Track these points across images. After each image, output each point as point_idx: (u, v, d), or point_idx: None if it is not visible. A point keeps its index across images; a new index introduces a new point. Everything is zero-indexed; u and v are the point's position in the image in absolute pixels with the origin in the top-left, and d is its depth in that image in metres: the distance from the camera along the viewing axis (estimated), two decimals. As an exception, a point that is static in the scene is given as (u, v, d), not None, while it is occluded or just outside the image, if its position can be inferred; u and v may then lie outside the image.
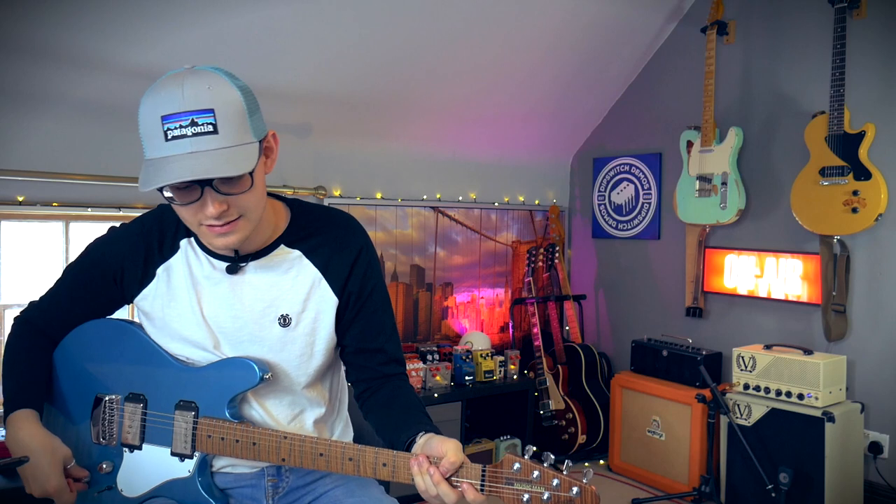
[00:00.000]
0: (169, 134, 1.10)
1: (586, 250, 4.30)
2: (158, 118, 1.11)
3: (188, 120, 1.10)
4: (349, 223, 1.40)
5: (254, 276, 1.32)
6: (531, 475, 1.14)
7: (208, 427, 1.30)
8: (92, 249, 1.39)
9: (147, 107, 1.13)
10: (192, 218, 1.19)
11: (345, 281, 1.35)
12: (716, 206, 3.34)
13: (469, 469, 1.16)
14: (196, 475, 1.32)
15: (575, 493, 1.13)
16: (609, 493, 3.39)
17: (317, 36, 2.90)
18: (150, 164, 1.13)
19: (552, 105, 3.93)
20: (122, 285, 1.36)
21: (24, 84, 2.58)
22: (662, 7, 3.60)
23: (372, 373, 1.40)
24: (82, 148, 2.81)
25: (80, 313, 1.40)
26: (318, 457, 1.24)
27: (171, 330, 1.34)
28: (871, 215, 2.80)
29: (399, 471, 1.20)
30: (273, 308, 1.32)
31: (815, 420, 2.72)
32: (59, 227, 2.89)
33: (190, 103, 1.11)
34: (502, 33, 3.30)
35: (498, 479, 1.15)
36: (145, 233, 1.35)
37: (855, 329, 3.00)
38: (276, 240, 1.33)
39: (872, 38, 2.92)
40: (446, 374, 3.46)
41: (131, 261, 1.34)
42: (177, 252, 1.34)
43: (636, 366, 3.63)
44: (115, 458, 1.36)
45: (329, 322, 1.35)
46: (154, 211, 1.38)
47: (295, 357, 1.35)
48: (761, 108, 3.34)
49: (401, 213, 3.75)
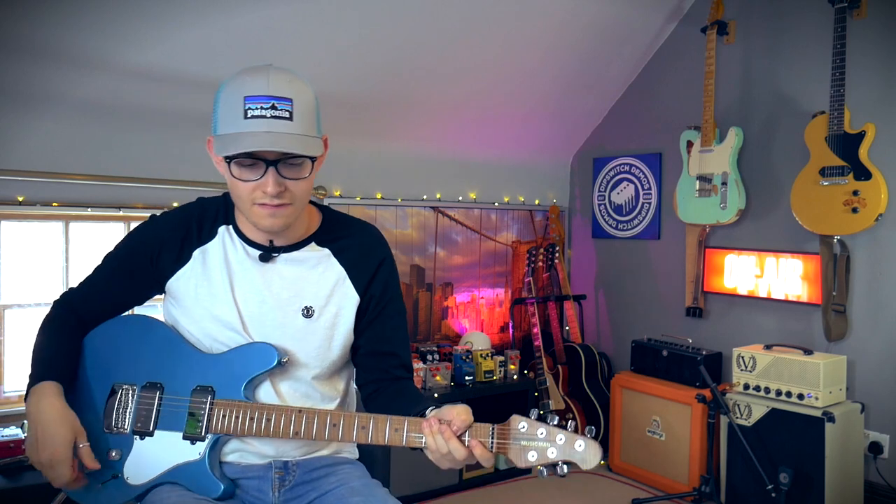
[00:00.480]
0: (249, 113, 1.23)
1: (586, 250, 4.30)
2: (241, 98, 1.24)
3: (269, 104, 1.24)
4: (377, 234, 1.51)
5: (283, 267, 1.41)
6: (537, 433, 1.20)
7: (223, 407, 1.34)
8: (131, 235, 1.46)
9: (230, 88, 1.27)
10: (248, 195, 1.29)
11: (368, 283, 1.45)
12: (716, 206, 3.34)
13: (478, 429, 1.22)
14: (206, 457, 1.35)
15: (579, 447, 1.19)
16: (609, 493, 3.39)
17: (317, 36, 2.90)
18: (223, 137, 1.25)
19: (552, 105, 3.93)
20: (157, 266, 1.41)
21: (24, 84, 2.58)
22: (662, 7, 3.60)
23: (382, 374, 1.47)
24: (82, 148, 2.81)
25: (114, 298, 1.45)
26: (331, 427, 1.29)
27: (202, 309, 1.39)
28: (871, 215, 2.80)
29: (411, 435, 1.25)
30: (298, 298, 1.40)
31: (815, 420, 2.72)
32: (59, 227, 2.89)
33: (273, 89, 1.25)
34: (502, 33, 3.30)
35: (505, 438, 1.21)
36: (186, 218, 1.43)
37: (855, 329, 3.00)
38: (308, 237, 1.43)
39: (872, 38, 2.92)
40: (446, 374, 3.46)
41: (170, 242, 1.40)
42: (214, 237, 1.42)
43: (636, 366, 3.63)
44: (124, 446, 1.38)
45: (349, 318, 1.43)
46: (195, 202, 1.47)
47: (314, 348, 1.41)
48: (761, 108, 3.34)
49: (401, 213, 3.75)
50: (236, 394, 1.35)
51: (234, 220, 1.43)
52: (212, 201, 1.46)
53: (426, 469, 3.25)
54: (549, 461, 1.19)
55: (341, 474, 1.43)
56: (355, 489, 1.39)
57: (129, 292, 1.46)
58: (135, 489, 1.36)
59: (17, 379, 2.83)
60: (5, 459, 2.48)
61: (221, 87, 1.29)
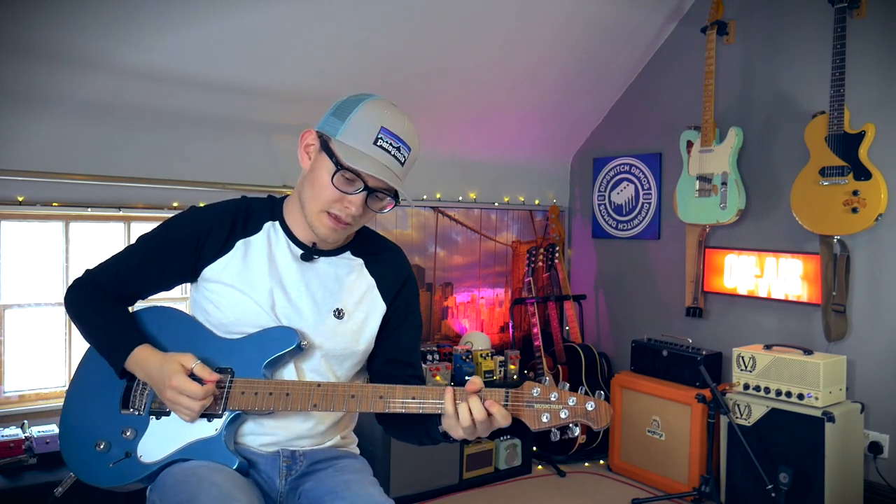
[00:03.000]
0: (378, 142, 1.35)
1: (586, 250, 4.30)
2: (378, 126, 1.36)
3: (398, 144, 1.38)
4: (403, 254, 1.63)
5: (322, 267, 1.48)
6: (549, 397, 1.27)
7: (242, 385, 1.38)
8: (173, 223, 1.49)
9: (370, 109, 1.38)
10: (328, 201, 1.37)
11: (395, 296, 1.54)
12: (716, 206, 3.34)
13: (493, 393, 1.29)
14: (222, 433, 1.37)
15: (590, 407, 1.27)
16: (609, 493, 3.40)
17: (316, 36, 2.90)
18: (350, 148, 1.35)
19: (552, 105, 3.93)
20: (200, 252, 1.44)
21: (24, 84, 2.58)
22: (662, 7, 3.60)
23: (399, 381, 1.50)
24: (82, 148, 2.81)
25: (146, 281, 1.48)
26: (349, 398, 1.34)
27: (237, 294, 1.43)
28: (871, 215, 2.80)
29: (427, 402, 1.31)
30: (331, 299, 1.47)
31: (815, 420, 2.72)
32: (59, 227, 2.89)
33: (404, 135, 1.39)
34: (502, 33, 3.30)
35: (519, 402, 1.28)
36: (233, 211, 1.48)
37: (855, 329, 3.00)
38: (345, 246, 1.52)
39: (872, 38, 2.92)
40: (446, 374, 3.46)
41: (217, 230, 1.45)
42: (259, 232, 1.47)
43: (636, 366, 3.63)
44: (139, 426, 1.41)
45: (375, 325, 1.51)
46: (241, 198, 1.53)
47: (340, 348, 1.47)
48: (761, 108, 3.34)
49: (401, 213, 3.75)
50: (256, 374, 1.39)
51: (283, 217, 1.48)
52: (258, 201, 1.52)
53: (426, 469, 3.26)
54: (562, 422, 1.26)
55: (340, 467, 1.48)
56: (348, 482, 1.42)
57: (162, 277, 1.48)
58: (147, 467, 1.38)
59: (18, 379, 2.83)
60: (5, 459, 2.48)
61: (361, 102, 1.39)
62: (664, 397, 3.38)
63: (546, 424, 1.27)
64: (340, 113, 1.39)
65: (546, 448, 3.79)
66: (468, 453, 3.42)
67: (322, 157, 1.38)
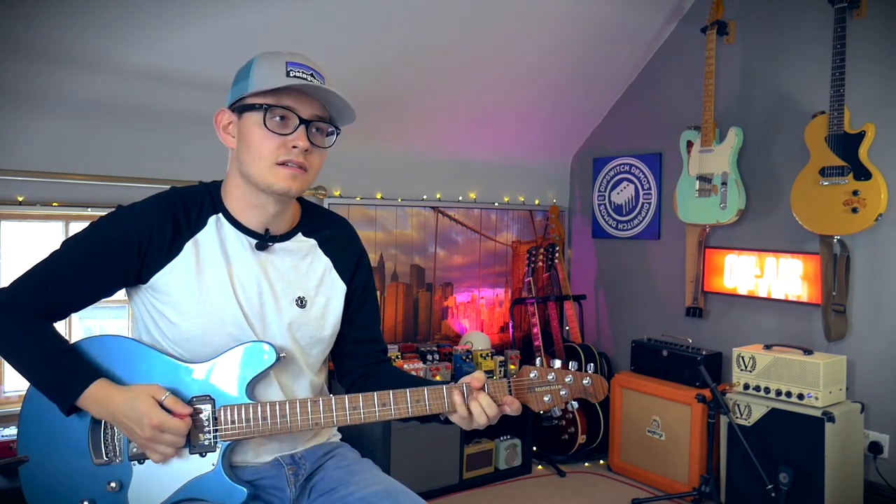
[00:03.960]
0: (291, 73, 1.30)
1: (586, 250, 4.30)
2: (283, 63, 1.30)
3: (310, 72, 1.33)
4: (350, 227, 1.57)
5: (277, 257, 1.41)
6: (547, 378, 1.34)
7: (230, 413, 1.29)
8: (103, 225, 1.34)
9: (269, 57, 1.33)
10: (272, 152, 1.30)
11: (351, 275, 1.50)
12: (716, 206, 3.34)
13: (496, 385, 1.33)
14: (220, 466, 1.29)
15: (587, 382, 1.35)
16: (609, 493, 3.40)
17: (316, 36, 2.90)
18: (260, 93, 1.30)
19: (552, 105, 3.93)
20: (144, 259, 1.31)
21: (24, 84, 2.58)
22: (662, 7, 3.60)
23: (370, 359, 1.54)
24: (82, 148, 2.81)
25: (77, 292, 1.33)
26: (351, 410, 1.31)
27: (196, 303, 1.32)
28: (871, 215, 2.80)
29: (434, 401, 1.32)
30: (291, 289, 1.41)
31: (815, 420, 2.72)
32: (59, 227, 2.89)
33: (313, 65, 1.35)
34: (502, 33, 3.30)
35: (521, 388, 1.34)
36: (170, 207, 1.34)
37: (855, 329, 3.00)
38: (295, 227, 1.45)
39: (872, 38, 2.92)
40: (446, 374, 3.46)
41: (159, 233, 1.31)
42: (205, 227, 1.36)
43: (636, 366, 3.63)
44: (122, 476, 1.28)
45: (338, 307, 1.48)
46: (170, 191, 1.39)
47: (307, 337, 1.43)
48: (761, 108, 3.34)
49: (401, 213, 3.75)
50: (238, 397, 1.30)
51: (225, 207, 1.38)
52: (190, 190, 1.39)
53: (426, 469, 3.26)
54: (563, 400, 1.34)
55: (338, 456, 1.49)
56: (354, 470, 1.45)
57: (100, 285, 1.33)
58: None
59: (18, 379, 2.83)
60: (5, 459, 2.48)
61: (254, 59, 1.34)
62: (664, 397, 3.38)
63: (548, 405, 1.33)
64: (240, 77, 1.35)
65: (546, 448, 3.79)
66: (468, 453, 3.42)
67: (245, 118, 1.32)
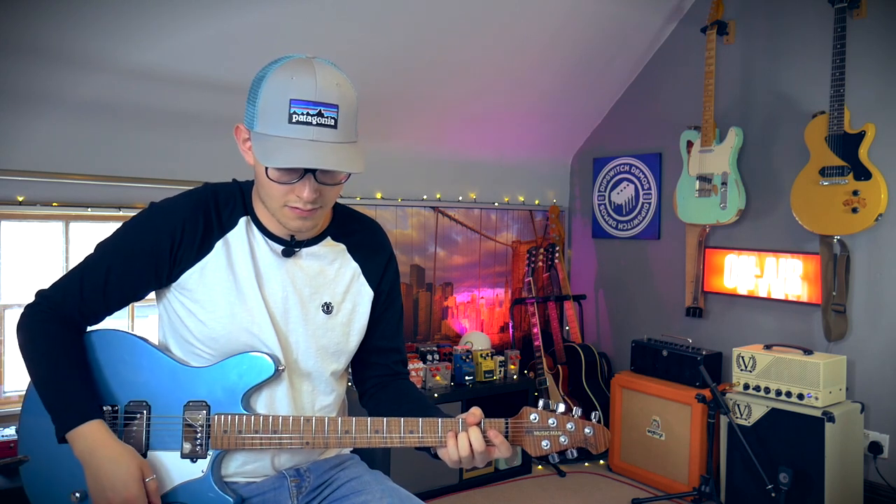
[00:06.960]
0: (294, 118, 1.17)
1: (586, 250, 4.30)
2: (287, 100, 1.18)
3: (316, 110, 1.18)
4: (382, 230, 1.53)
5: (305, 262, 1.38)
6: (548, 423, 1.29)
7: (222, 422, 1.29)
8: (136, 226, 1.34)
9: (275, 85, 1.20)
10: (280, 197, 1.25)
11: (379, 280, 1.46)
12: (716, 206, 3.34)
13: (493, 423, 1.28)
14: (210, 474, 1.29)
15: (589, 432, 1.29)
16: (609, 493, 3.39)
17: (316, 36, 2.90)
18: (266, 139, 1.19)
19: (552, 105, 3.93)
20: (176, 256, 1.30)
21: (23, 84, 2.58)
22: (662, 7, 3.60)
23: (385, 370, 1.49)
24: (82, 148, 2.81)
25: (118, 294, 1.33)
26: (343, 433, 1.29)
27: (226, 303, 1.31)
28: (871, 215, 2.80)
29: (427, 435, 1.29)
30: (318, 295, 1.39)
31: (815, 420, 2.72)
32: (59, 227, 2.89)
33: (320, 94, 1.18)
34: (502, 33, 3.30)
35: (519, 430, 1.29)
36: (202, 204, 1.33)
37: (855, 329, 3.00)
38: (324, 231, 1.41)
39: (872, 38, 2.92)
40: (446, 374, 3.46)
41: (191, 229, 1.31)
42: (235, 227, 1.34)
43: (636, 366, 3.63)
44: None
45: (365, 314, 1.44)
46: (203, 187, 1.38)
47: (333, 344, 1.41)
48: (761, 108, 3.34)
49: (401, 213, 3.75)
50: (234, 407, 1.30)
51: (254, 212, 1.36)
52: (223, 187, 1.38)
53: (426, 469, 3.25)
54: (562, 447, 1.28)
55: (349, 470, 1.45)
56: (367, 482, 1.42)
57: (134, 289, 1.33)
58: None
59: (17, 379, 2.83)
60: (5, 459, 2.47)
61: (264, 79, 1.22)
62: (664, 397, 3.38)
63: (546, 450, 1.28)
64: (251, 97, 1.24)
65: (546, 448, 3.79)
66: (468, 453, 3.42)
67: (246, 148, 1.28)
